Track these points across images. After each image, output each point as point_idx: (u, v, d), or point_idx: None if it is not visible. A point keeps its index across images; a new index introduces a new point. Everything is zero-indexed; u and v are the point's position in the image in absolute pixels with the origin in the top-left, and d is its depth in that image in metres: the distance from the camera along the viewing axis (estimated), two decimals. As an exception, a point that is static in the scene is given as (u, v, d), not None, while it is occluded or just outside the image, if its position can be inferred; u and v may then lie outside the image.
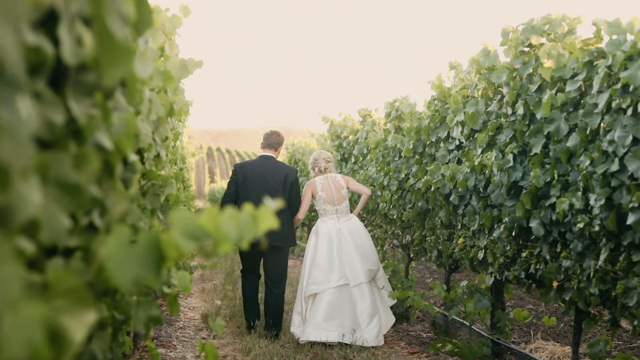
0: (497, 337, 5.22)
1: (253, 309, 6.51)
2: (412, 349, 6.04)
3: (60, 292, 1.16)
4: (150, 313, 2.12)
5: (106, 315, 1.92)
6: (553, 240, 4.21)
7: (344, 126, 9.74)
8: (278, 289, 6.44)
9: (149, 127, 2.67)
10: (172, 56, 2.86)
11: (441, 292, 5.59)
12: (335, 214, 6.60)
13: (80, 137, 1.36)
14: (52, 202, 1.18)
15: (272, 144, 6.62)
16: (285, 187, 6.39)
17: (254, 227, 1.33)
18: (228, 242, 1.31)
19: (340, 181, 6.71)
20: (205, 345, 2.59)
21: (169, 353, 5.68)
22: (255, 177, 6.35)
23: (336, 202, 6.61)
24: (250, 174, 6.38)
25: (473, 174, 5.02)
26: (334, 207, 6.61)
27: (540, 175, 4.07)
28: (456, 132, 5.45)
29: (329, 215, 6.62)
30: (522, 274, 4.56)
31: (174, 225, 1.32)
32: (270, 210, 1.37)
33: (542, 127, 4.11)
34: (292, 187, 6.44)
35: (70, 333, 1.14)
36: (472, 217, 5.26)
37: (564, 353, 5.73)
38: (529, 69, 4.27)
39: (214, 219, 1.33)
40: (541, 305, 8.04)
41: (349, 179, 6.84)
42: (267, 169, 6.41)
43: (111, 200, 1.53)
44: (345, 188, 6.69)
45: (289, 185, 6.42)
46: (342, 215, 6.62)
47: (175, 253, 1.31)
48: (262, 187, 6.31)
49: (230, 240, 1.31)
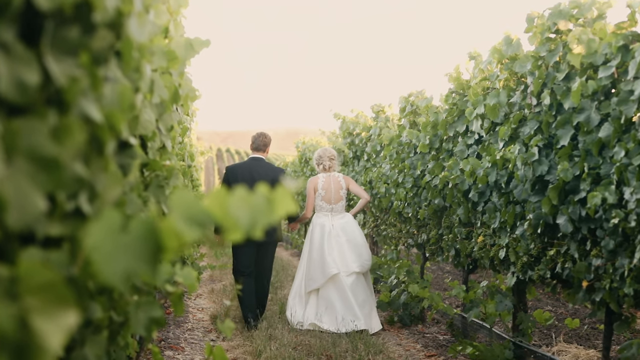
0: (520, 339, 4.98)
1: (250, 307, 6.63)
2: (429, 352, 5.81)
3: (33, 288, 0.94)
4: (152, 314, 1.90)
5: (101, 317, 1.70)
6: (582, 238, 3.96)
7: (357, 123, 9.51)
8: (266, 281, 6.89)
9: (152, 112, 2.46)
10: (176, 37, 2.65)
11: (460, 292, 5.35)
12: (330, 212, 7.00)
13: (63, 106, 1.14)
14: (23, 177, 0.96)
15: (260, 145, 6.89)
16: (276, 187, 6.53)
17: (269, 211, 1.10)
18: (239, 229, 1.09)
19: (341, 182, 7.06)
20: (214, 349, 2.37)
21: (176, 356, 5.47)
22: (246, 178, 6.63)
23: (333, 201, 7.00)
24: (241, 175, 6.68)
25: (494, 169, 4.78)
26: (329, 206, 7.00)
27: (568, 168, 3.83)
28: (476, 125, 5.22)
29: (323, 212, 7.02)
30: (548, 274, 4.32)
31: (174, 209, 1.10)
32: (288, 192, 1.15)
33: (571, 118, 3.87)
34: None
35: (45, 339, 0.93)
36: (492, 214, 5.03)
37: (588, 356, 5.47)
38: (556, 56, 4.03)
39: (221, 202, 1.11)
40: (560, 307, 7.79)
41: (350, 180, 7.18)
42: (257, 170, 6.72)
43: (101, 182, 1.31)
44: (344, 189, 7.05)
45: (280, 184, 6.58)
46: (337, 213, 7.00)
47: (175, 242, 1.09)
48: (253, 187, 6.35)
49: (241, 227, 1.09)
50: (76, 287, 1.11)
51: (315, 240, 6.87)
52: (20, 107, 1.02)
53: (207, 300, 8.40)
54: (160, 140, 2.76)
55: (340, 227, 6.87)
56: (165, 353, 5.50)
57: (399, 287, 7.10)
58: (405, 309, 6.88)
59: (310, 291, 6.74)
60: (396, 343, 6.18)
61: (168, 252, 1.11)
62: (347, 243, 6.79)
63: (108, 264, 1.04)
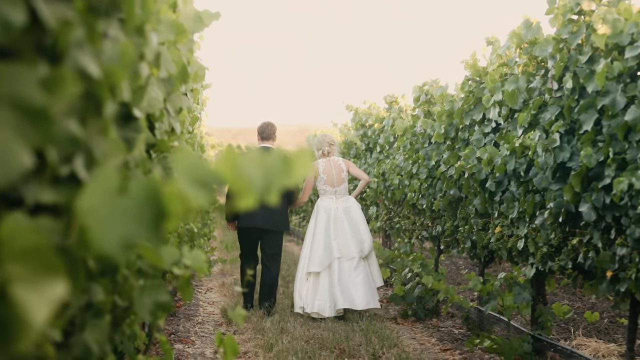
0: (539, 332, 4.84)
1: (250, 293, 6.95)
2: (444, 346, 5.68)
3: (16, 253, 0.81)
4: (158, 299, 1.78)
5: (103, 300, 1.58)
6: (606, 226, 3.81)
7: (369, 114, 9.37)
8: (274, 267, 6.98)
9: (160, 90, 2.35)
10: (185, 11, 2.52)
11: (477, 284, 5.20)
12: (334, 194, 7.17)
13: (55, 57, 1.02)
14: (5, 127, 0.84)
15: (270, 134, 7.06)
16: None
17: (286, 172, 0.98)
18: (251, 191, 0.96)
19: (341, 165, 7.25)
20: (224, 340, 2.26)
21: (186, 349, 5.36)
22: None
23: (335, 184, 7.17)
24: None
25: (513, 157, 4.64)
26: (333, 189, 7.17)
27: (592, 154, 3.68)
28: (493, 113, 5.07)
29: (328, 195, 7.19)
30: (569, 264, 4.18)
31: (178, 169, 0.97)
32: (308, 151, 1.02)
33: (595, 101, 3.72)
34: None
35: (28, 312, 0.80)
36: (510, 204, 4.88)
37: (609, 350, 5.33)
38: (579, 38, 3.88)
39: (232, 162, 0.99)
40: (577, 301, 7.63)
41: (350, 163, 7.39)
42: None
43: (100, 147, 1.19)
44: (345, 171, 7.24)
45: None
46: (340, 196, 7.18)
47: (179, 207, 0.96)
48: None
49: (255, 189, 0.96)
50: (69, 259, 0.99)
51: (320, 223, 7.04)
52: (5, 50, 0.90)
53: (217, 293, 8.29)
54: (168, 122, 2.65)
55: (343, 211, 7.05)
56: (175, 346, 5.40)
57: (412, 280, 6.97)
58: (420, 303, 6.74)
59: (310, 272, 6.92)
60: (410, 337, 6.05)
61: (172, 219, 0.98)
62: (350, 229, 6.97)
63: (103, 230, 0.92)
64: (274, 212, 6.75)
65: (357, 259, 6.87)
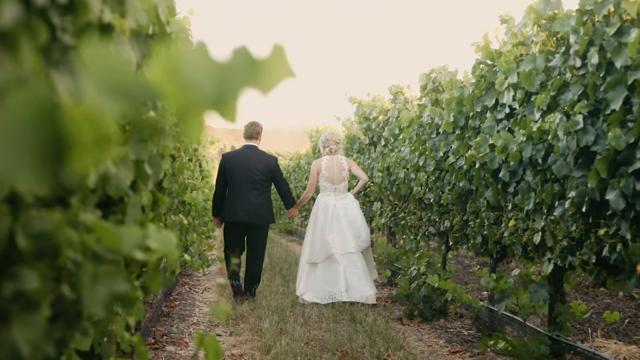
0: (557, 333, 4.48)
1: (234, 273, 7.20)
2: (453, 348, 5.31)
3: None
4: (114, 289, 1.42)
5: (37, 288, 1.23)
6: (635, 216, 3.45)
7: (373, 106, 9.01)
8: (259, 260, 7.24)
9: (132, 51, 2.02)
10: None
11: (490, 282, 4.84)
12: (333, 192, 7.49)
13: None
14: None
15: (253, 133, 7.34)
16: (267, 174, 7.19)
17: (249, 73, 0.62)
18: (197, 101, 0.61)
19: (343, 163, 7.53)
20: (205, 339, 1.91)
21: (178, 351, 5.01)
22: (241, 164, 7.12)
23: (336, 181, 7.49)
24: (235, 162, 7.15)
25: (529, 143, 4.28)
26: (332, 186, 7.49)
27: (621, 135, 3.32)
28: (507, 97, 4.71)
29: (327, 192, 7.52)
30: (593, 259, 3.82)
31: (87, 70, 0.62)
32: (281, 50, 0.67)
33: (624, 77, 3.35)
34: (275, 171, 7.27)
35: None
36: (526, 195, 4.52)
37: (630, 353, 4.97)
38: (606, 8, 3.51)
39: (170, 64, 0.63)
40: (591, 301, 7.27)
41: (352, 162, 7.64)
42: (251, 157, 7.18)
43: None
44: (346, 170, 7.52)
45: (272, 171, 7.23)
46: (340, 193, 7.50)
47: (88, 128, 0.62)
48: (247, 173, 7.10)
49: (202, 99, 0.61)
50: None
51: (319, 219, 7.39)
52: None
53: (215, 294, 7.96)
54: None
55: (341, 207, 7.38)
56: (166, 348, 5.05)
57: (418, 279, 6.61)
58: (426, 302, 6.38)
59: (309, 263, 7.33)
60: (417, 338, 5.69)
61: (78, 149, 0.63)
62: (347, 224, 7.30)
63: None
64: (258, 205, 7.04)
65: (354, 253, 7.21)
